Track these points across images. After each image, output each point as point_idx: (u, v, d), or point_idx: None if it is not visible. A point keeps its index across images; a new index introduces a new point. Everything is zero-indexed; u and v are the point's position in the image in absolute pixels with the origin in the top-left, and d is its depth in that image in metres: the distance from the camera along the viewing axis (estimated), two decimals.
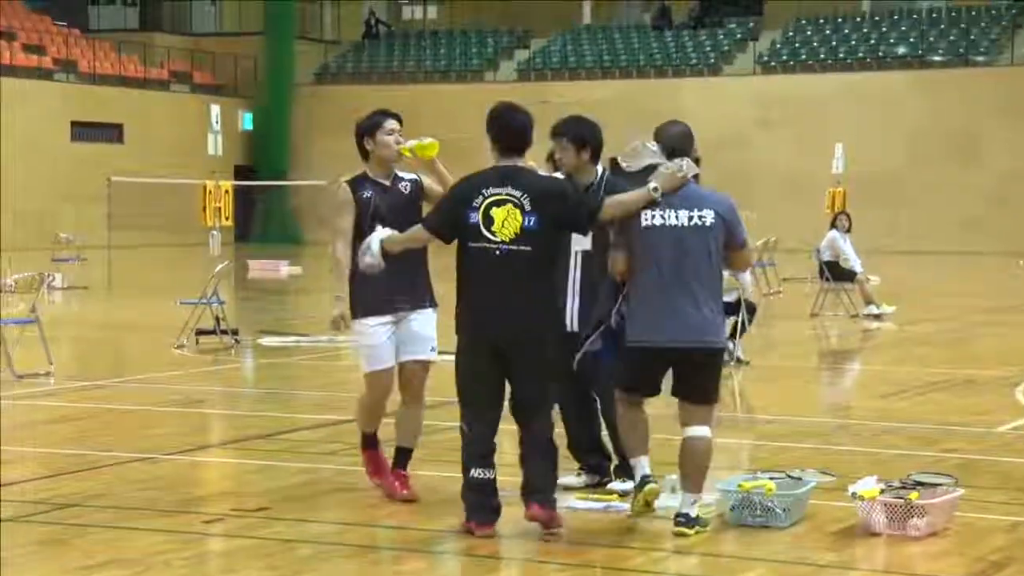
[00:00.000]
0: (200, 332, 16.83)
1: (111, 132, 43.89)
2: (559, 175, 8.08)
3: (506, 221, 7.38)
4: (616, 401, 7.84)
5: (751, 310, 15.32)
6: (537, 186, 7.47)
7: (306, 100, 47.65)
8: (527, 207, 7.38)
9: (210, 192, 20.69)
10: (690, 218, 7.49)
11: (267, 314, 22.54)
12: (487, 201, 7.41)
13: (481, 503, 7.47)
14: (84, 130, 43.01)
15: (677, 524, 7.52)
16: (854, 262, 21.00)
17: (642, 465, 7.69)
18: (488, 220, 7.39)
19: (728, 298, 14.99)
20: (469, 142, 18.09)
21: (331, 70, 50.37)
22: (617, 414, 7.85)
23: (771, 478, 7.90)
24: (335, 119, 47.02)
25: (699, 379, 7.60)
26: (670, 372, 7.68)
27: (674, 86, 44.49)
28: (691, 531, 7.49)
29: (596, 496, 8.25)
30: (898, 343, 18.69)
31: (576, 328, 8.11)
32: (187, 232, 33.91)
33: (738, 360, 14.96)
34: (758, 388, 14.09)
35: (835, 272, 21.03)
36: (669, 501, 7.79)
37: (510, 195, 7.40)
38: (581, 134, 8.08)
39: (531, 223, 7.37)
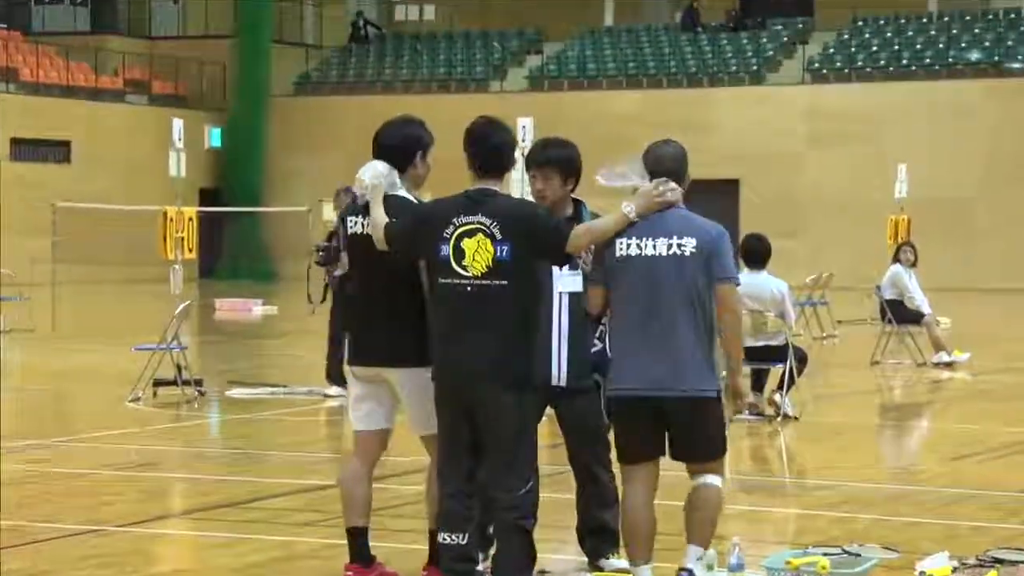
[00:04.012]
0: (158, 383, 16.81)
1: (57, 151, 44.03)
2: None
3: (477, 253, 7.42)
4: (622, 481, 7.78)
5: (801, 358, 15.28)
6: (505, 210, 7.50)
7: (284, 113, 47.80)
8: (498, 235, 7.42)
9: (171, 220, 20.68)
10: (669, 247, 7.46)
11: (236, 362, 22.54)
12: (458, 231, 7.46)
13: (450, 569, 7.54)
14: (26, 148, 43.12)
15: None
16: (921, 301, 20.97)
17: None
18: (459, 253, 7.44)
19: (775, 342, 14.99)
20: None
21: (313, 79, 50.58)
22: (622, 498, 7.78)
23: (825, 554, 7.91)
24: (317, 135, 47.27)
25: (695, 435, 7.54)
26: None
27: (709, 97, 44.60)
28: None
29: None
30: (972, 396, 18.67)
31: (564, 383, 8.02)
32: (144, 266, 33.92)
33: (786, 416, 14.93)
34: (809, 448, 14.06)
35: (899, 313, 20.99)
36: None
37: (480, 223, 7.44)
38: (571, 161, 8.00)
39: (503, 253, 7.40)
